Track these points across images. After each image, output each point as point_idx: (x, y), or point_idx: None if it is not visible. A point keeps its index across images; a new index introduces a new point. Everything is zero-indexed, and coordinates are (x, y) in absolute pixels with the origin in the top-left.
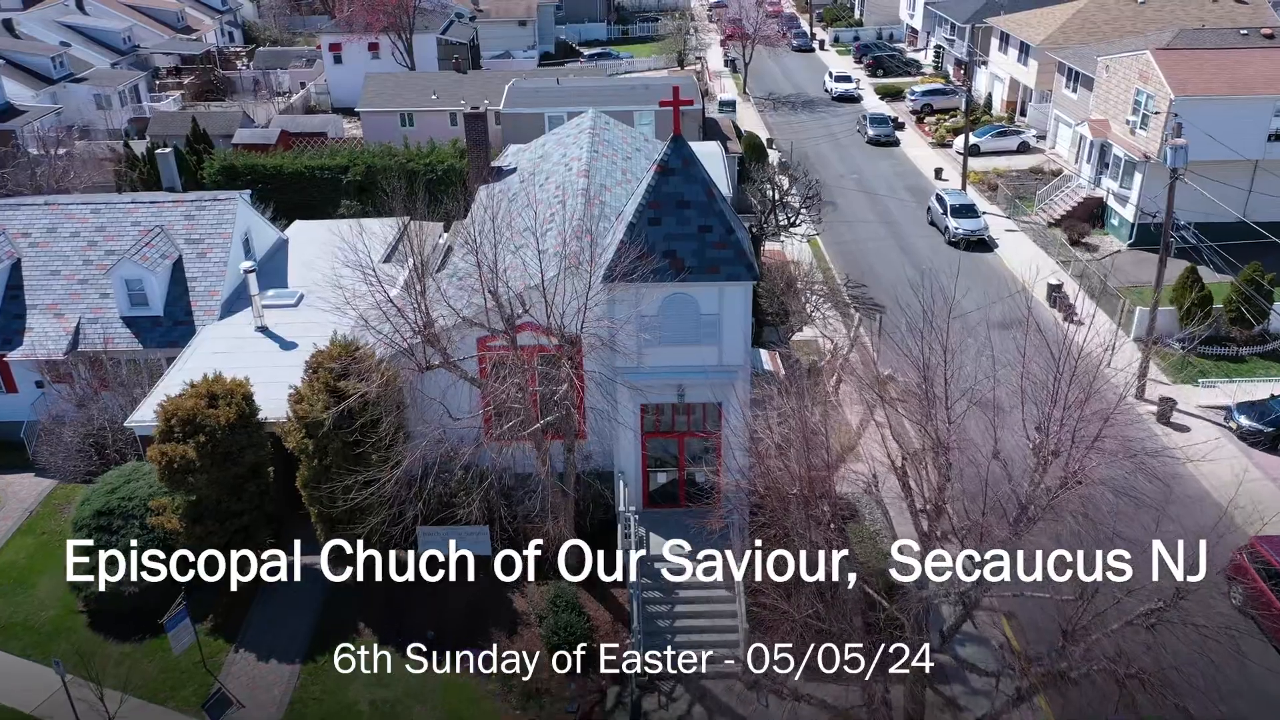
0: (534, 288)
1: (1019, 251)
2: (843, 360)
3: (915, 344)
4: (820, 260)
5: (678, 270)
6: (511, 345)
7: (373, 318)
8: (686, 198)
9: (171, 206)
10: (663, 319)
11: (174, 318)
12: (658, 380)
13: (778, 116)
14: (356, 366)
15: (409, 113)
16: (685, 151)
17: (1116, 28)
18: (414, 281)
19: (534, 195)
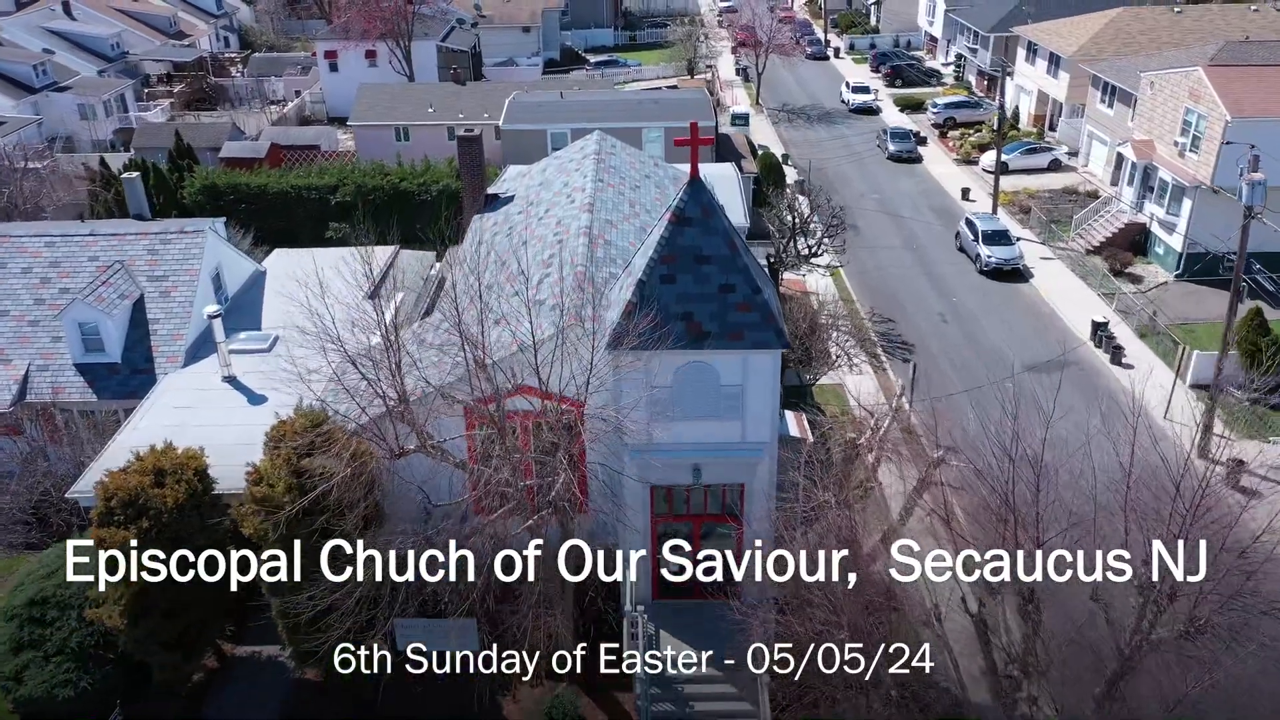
0: (527, 349)
1: (1057, 282)
2: (883, 435)
3: (992, 458)
4: (841, 290)
5: (695, 336)
6: (499, 430)
7: (338, 392)
8: (705, 252)
9: (134, 240)
10: (677, 390)
11: (133, 365)
12: (670, 459)
13: (793, 129)
14: (323, 443)
15: (404, 127)
16: (704, 198)
17: (1153, 38)
18: (387, 344)
19: (531, 229)
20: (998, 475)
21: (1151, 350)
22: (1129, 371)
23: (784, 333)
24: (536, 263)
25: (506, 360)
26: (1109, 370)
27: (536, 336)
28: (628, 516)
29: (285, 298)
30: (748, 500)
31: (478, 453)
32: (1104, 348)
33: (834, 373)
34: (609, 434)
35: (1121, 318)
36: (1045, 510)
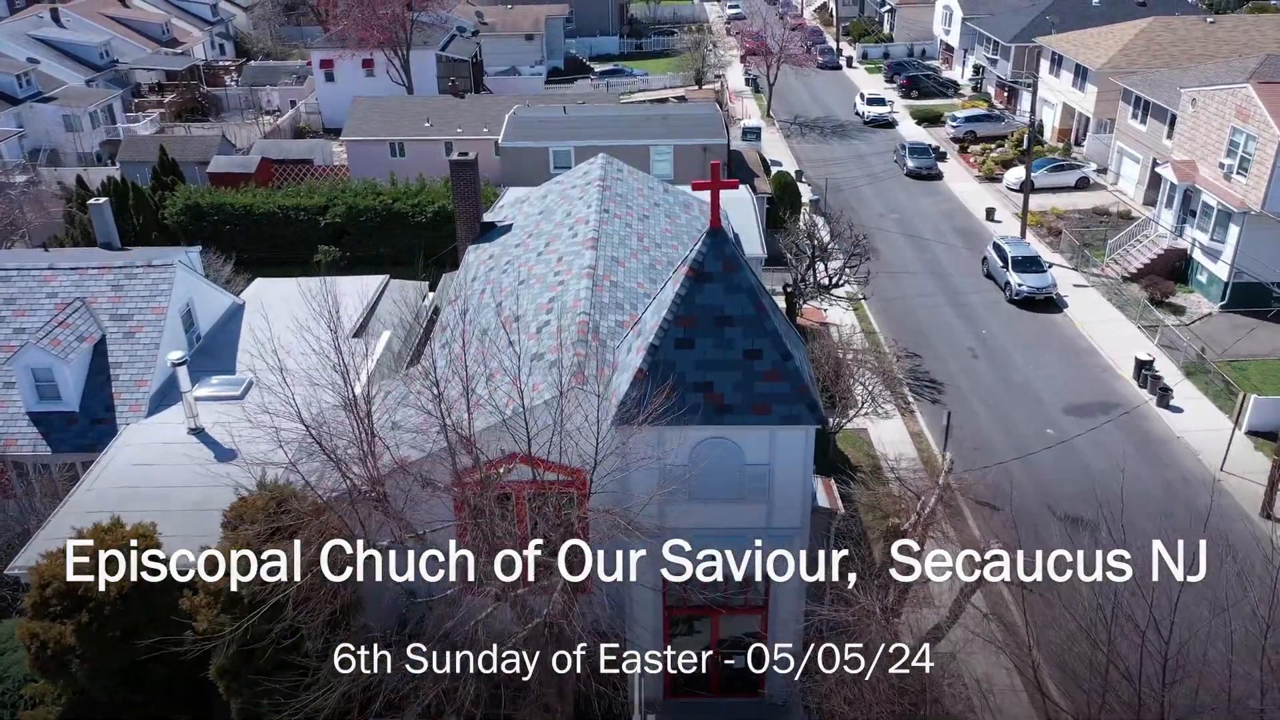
0: (519, 417)
1: (1093, 312)
2: (928, 514)
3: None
4: (863, 320)
5: (715, 409)
6: (487, 516)
7: (308, 471)
8: (728, 312)
9: (96, 275)
10: (694, 469)
11: (91, 414)
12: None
13: (806, 143)
14: (289, 526)
15: (399, 142)
16: (727, 250)
17: (1186, 50)
18: (357, 417)
19: (530, 265)
20: (1095, 621)
21: (1201, 391)
22: (1179, 416)
23: (818, 406)
24: (534, 307)
25: (498, 427)
26: (1157, 415)
27: (533, 400)
28: (637, 610)
29: (278, 319)
30: (774, 590)
31: (469, 536)
32: (1150, 388)
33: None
34: (615, 514)
35: (1165, 353)
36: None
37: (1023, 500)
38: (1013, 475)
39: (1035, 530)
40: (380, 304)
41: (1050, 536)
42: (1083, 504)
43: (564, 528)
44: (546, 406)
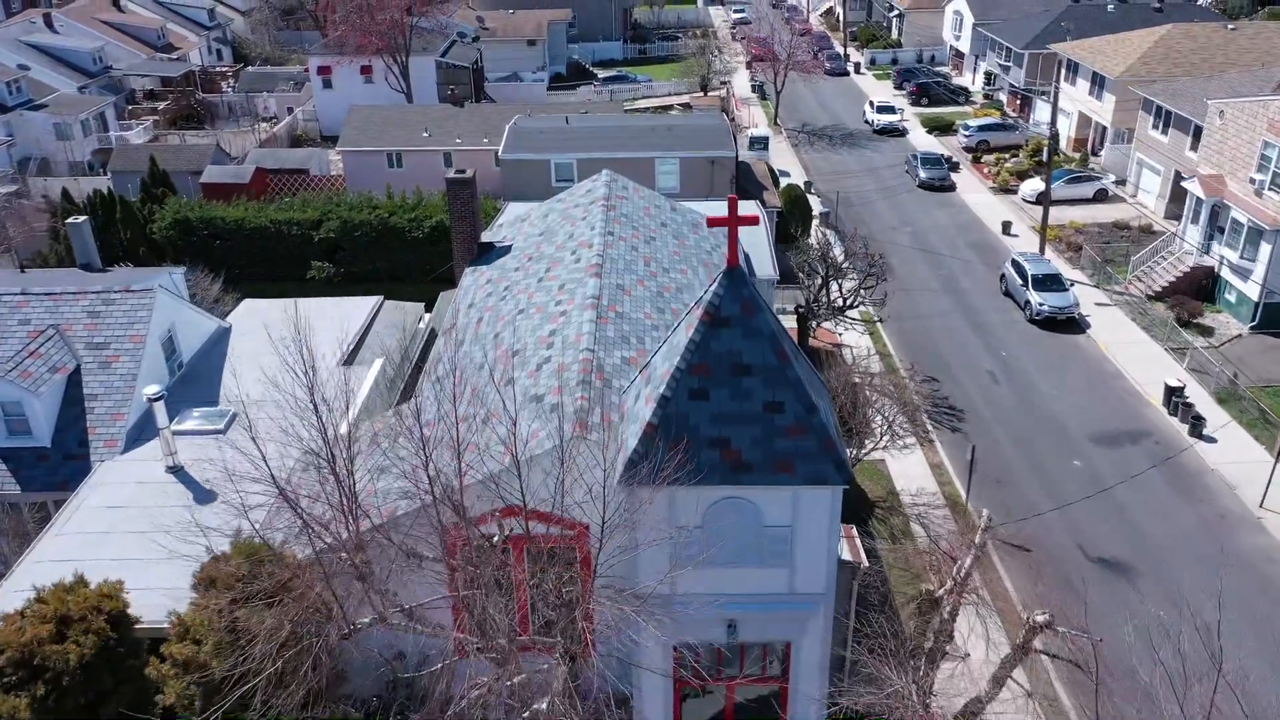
0: (509, 470)
1: (1117, 333)
2: (964, 580)
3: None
4: (877, 342)
5: (733, 467)
6: (479, 589)
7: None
8: (746, 360)
9: (71, 300)
10: (709, 531)
11: (65, 450)
12: (699, 612)
13: (814, 152)
14: (266, 589)
15: (397, 152)
16: (745, 292)
17: (1206, 58)
18: (338, 481)
19: (530, 293)
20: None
21: (1234, 419)
22: (1212, 446)
23: (846, 464)
24: (534, 340)
25: (495, 480)
26: (1189, 444)
27: (532, 450)
28: (644, 687)
29: (266, 344)
30: (795, 661)
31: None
32: (1181, 416)
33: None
34: (623, 607)
35: (1194, 377)
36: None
37: (1053, 540)
38: (1039, 509)
39: (1068, 578)
40: (374, 326)
41: (1085, 584)
42: (1116, 543)
43: (566, 607)
44: (547, 457)
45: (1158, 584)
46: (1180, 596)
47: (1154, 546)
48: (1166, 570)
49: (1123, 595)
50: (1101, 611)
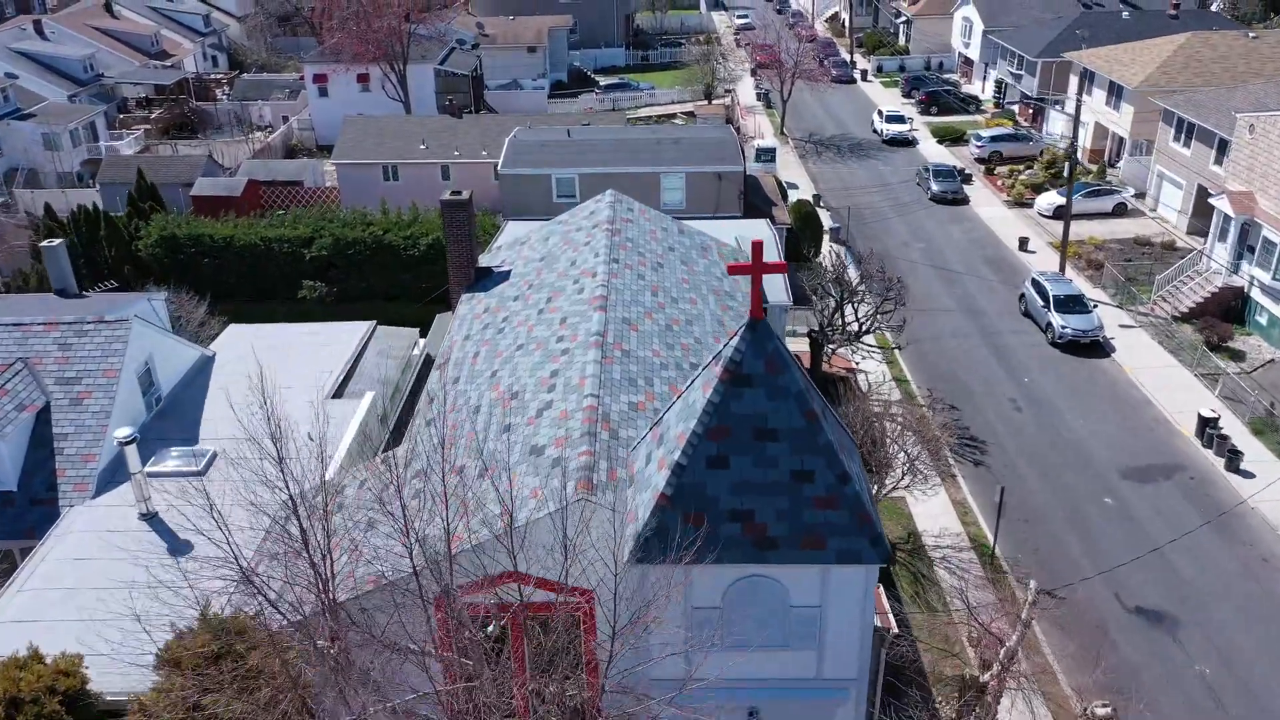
0: (500, 537)
1: (1144, 357)
2: (1010, 662)
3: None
4: (893, 366)
5: (756, 543)
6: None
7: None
8: (771, 424)
9: (41, 332)
10: (729, 611)
11: (31, 494)
12: (717, 700)
13: (822, 164)
14: (235, 671)
15: (393, 165)
16: (770, 347)
17: (1228, 68)
18: (312, 564)
19: (530, 326)
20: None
21: (1271, 452)
22: (1250, 482)
23: (883, 539)
24: (534, 380)
25: (491, 545)
26: (1225, 481)
27: (531, 514)
28: None
29: (253, 372)
30: None
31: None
32: (1216, 449)
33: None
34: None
35: (1226, 404)
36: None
37: (1088, 587)
38: (1072, 554)
39: (1105, 630)
40: (365, 355)
41: (1124, 640)
42: (1154, 591)
43: (572, 711)
44: (548, 522)
45: (1201, 635)
46: (1227, 650)
47: (1195, 593)
48: (1210, 620)
49: (1164, 649)
50: (1141, 666)
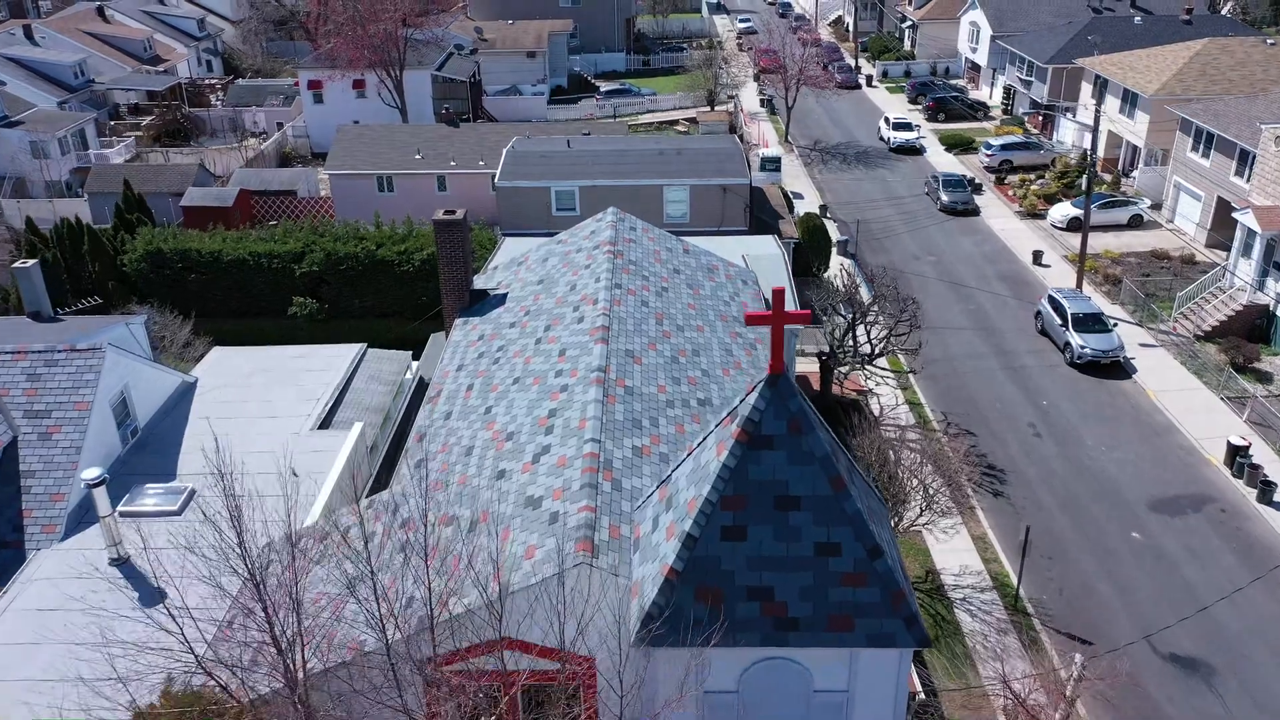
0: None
1: (1166, 379)
2: None
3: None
4: (906, 389)
5: (777, 624)
6: None
7: None
8: (794, 491)
9: (9, 362)
10: (746, 695)
11: None
12: None
13: (828, 172)
14: None
15: (388, 176)
16: (793, 406)
17: (1246, 75)
18: (278, 647)
19: (527, 357)
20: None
21: None
22: None
23: (918, 619)
24: (531, 420)
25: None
26: (1258, 513)
27: (529, 577)
28: None
29: (235, 401)
30: None
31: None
32: (1247, 480)
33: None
34: None
35: (1255, 429)
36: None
37: (1118, 631)
38: (1099, 594)
39: (1137, 676)
40: (354, 381)
41: (1159, 693)
42: (1189, 635)
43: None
44: (545, 586)
45: (1241, 686)
46: (1270, 703)
47: (1231, 638)
48: (1249, 669)
49: (1203, 703)
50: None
